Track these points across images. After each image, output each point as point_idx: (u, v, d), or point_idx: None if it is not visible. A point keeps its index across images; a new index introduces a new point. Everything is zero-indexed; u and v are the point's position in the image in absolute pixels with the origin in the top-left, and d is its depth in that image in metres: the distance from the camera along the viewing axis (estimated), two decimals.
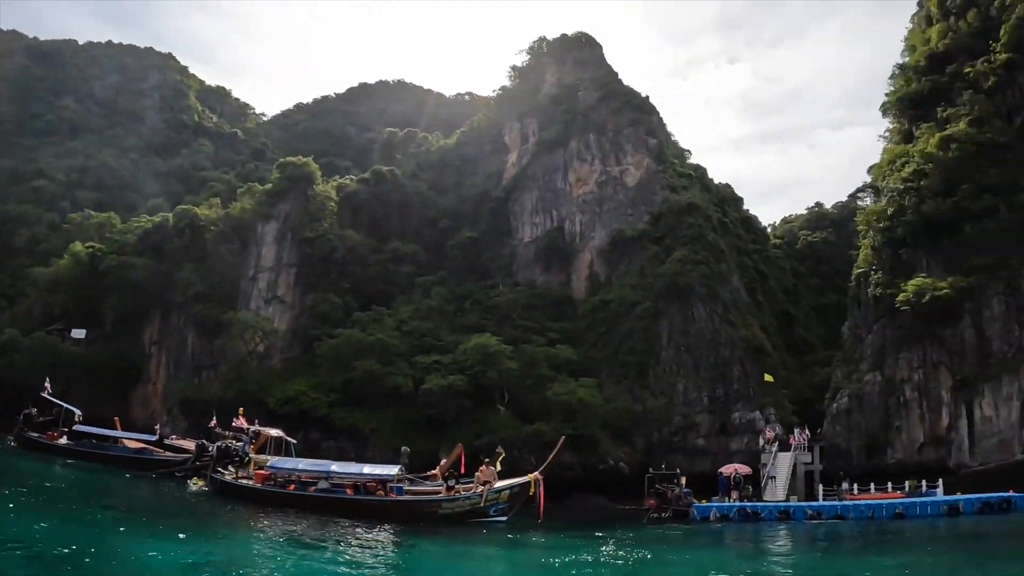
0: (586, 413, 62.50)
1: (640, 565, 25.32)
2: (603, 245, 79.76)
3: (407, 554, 25.74)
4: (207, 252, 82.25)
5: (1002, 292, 55.52)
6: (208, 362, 77.36)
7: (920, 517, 39.67)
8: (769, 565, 27.17)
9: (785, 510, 40.97)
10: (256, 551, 22.48)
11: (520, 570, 24.90)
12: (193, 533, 24.16)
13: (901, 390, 57.97)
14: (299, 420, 68.07)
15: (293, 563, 20.95)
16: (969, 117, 60.91)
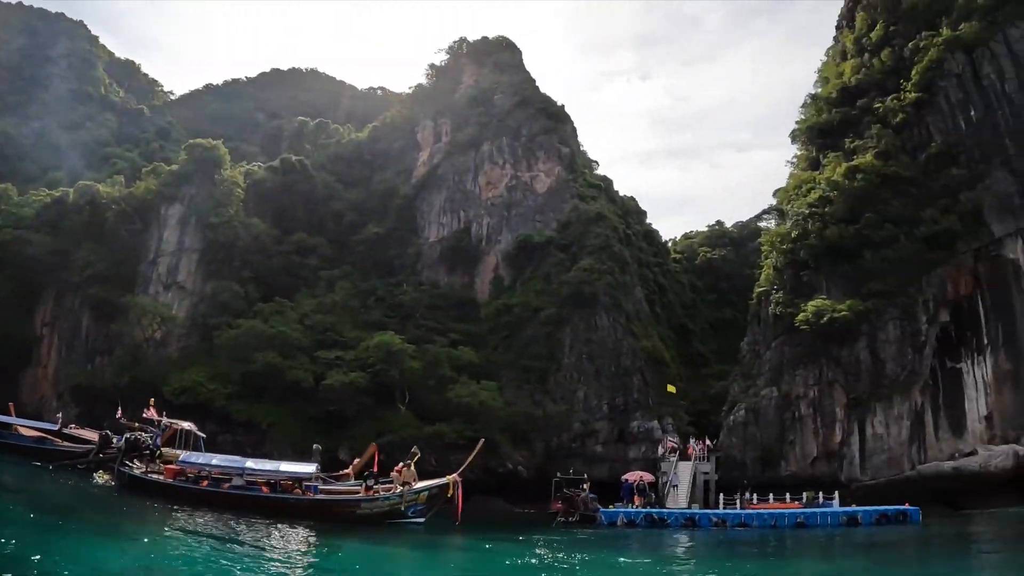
0: (487, 416, 61.48)
1: (586, 567, 24.28)
2: (509, 249, 78.96)
3: (335, 556, 23.77)
4: (107, 232, 77.66)
5: (898, 317, 56.97)
6: (103, 347, 73.24)
7: (820, 526, 39.88)
8: (704, 568, 26.34)
9: (691, 517, 40.51)
10: (172, 551, 20.23)
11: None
12: (102, 532, 22.41)
13: (797, 406, 58.77)
14: (195, 412, 64.00)
15: (210, 565, 19.15)
16: (876, 150, 62.64)
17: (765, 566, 27.81)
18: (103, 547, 19.35)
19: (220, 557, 20.26)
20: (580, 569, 23.79)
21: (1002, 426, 53.39)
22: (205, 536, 23.78)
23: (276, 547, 23.26)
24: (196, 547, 21.50)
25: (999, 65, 59.80)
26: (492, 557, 25.83)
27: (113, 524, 24.80)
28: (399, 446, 60.13)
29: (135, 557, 18.62)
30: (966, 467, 49.25)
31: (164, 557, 19.13)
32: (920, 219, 58.97)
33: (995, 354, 55.20)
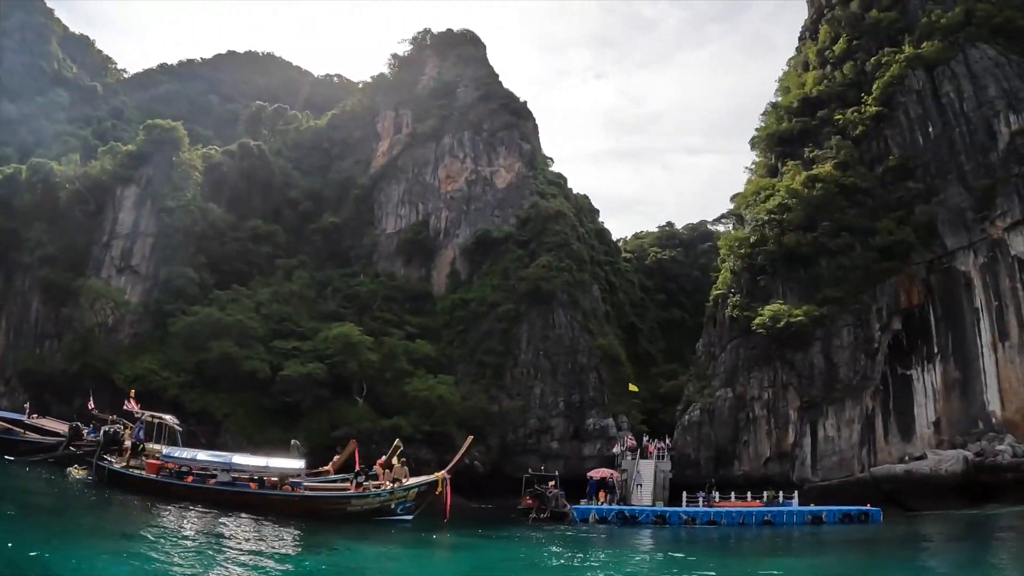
0: (444, 410, 61.02)
1: (599, 564, 24.28)
2: (467, 243, 78.31)
3: (339, 556, 22.71)
4: (59, 212, 74.39)
5: (851, 324, 58.03)
6: (52, 331, 70.10)
7: (787, 524, 40.37)
8: (697, 565, 26.28)
9: (661, 514, 40.60)
10: (166, 552, 19.03)
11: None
12: (92, 533, 21.00)
13: (751, 407, 59.40)
14: (147, 400, 61.75)
15: (208, 565, 18.17)
16: (835, 160, 63.84)
17: (746, 563, 27.85)
18: (95, 549, 18.29)
19: (216, 556, 19.38)
20: (597, 567, 23.73)
21: (950, 432, 54.88)
22: (197, 534, 22.73)
23: (271, 545, 22.54)
24: (191, 547, 20.45)
25: (959, 84, 61.51)
26: (490, 554, 25.45)
27: (100, 524, 23.36)
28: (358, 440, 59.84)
29: (130, 559, 17.47)
30: (917, 470, 50.34)
31: (160, 558, 17.99)
32: (875, 229, 60.28)
33: (944, 362, 56.76)
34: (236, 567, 18.08)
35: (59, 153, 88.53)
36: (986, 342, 55.81)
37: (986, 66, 61.04)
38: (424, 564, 24.30)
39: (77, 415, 46.60)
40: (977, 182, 58.52)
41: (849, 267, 59.40)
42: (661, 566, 26.05)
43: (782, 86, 78.29)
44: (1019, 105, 58.98)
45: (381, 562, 23.00)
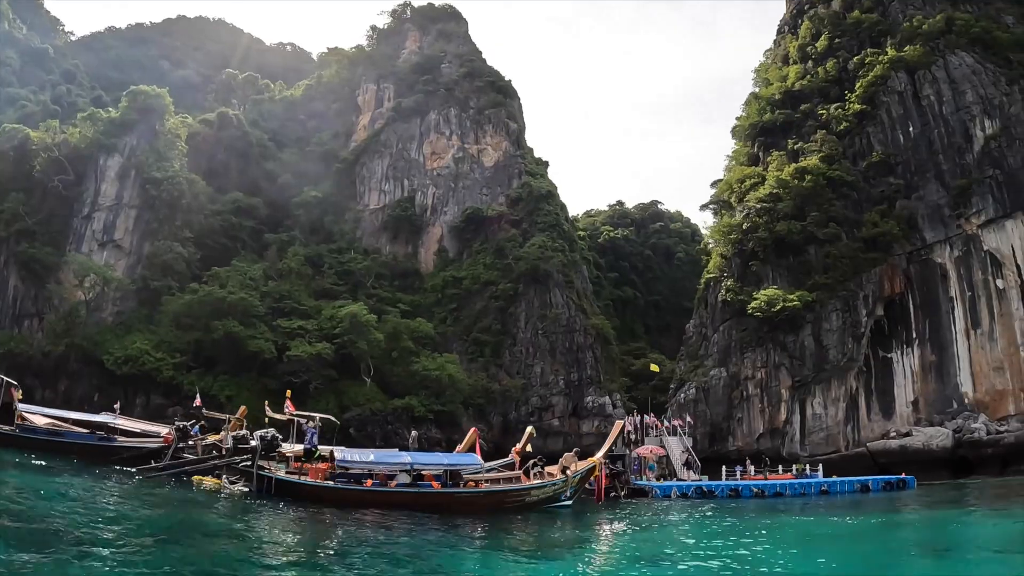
0: (453, 390, 61.92)
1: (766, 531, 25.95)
2: (456, 221, 79.07)
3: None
4: (35, 182, 70.52)
5: (840, 309, 61.99)
6: (32, 310, 66.99)
7: (840, 493, 43.47)
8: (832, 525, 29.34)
9: (735, 488, 42.81)
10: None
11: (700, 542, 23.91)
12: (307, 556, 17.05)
13: (745, 386, 62.85)
14: (140, 383, 62.28)
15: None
16: (821, 154, 67.47)
17: (868, 519, 31.51)
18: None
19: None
20: (765, 533, 25.53)
21: (927, 410, 59.72)
22: (442, 546, 20.49)
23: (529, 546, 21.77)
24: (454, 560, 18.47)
25: (939, 88, 65.84)
26: (674, 533, 26.22)
27: (309, 544, 19.04)
28: (368, 420, 60.34)
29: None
30: (911, 445, 54.80)
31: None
32: (860, 222, 64.43)
33: (922, 347, 61.45)
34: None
35: (17, 118, 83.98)
36: (960, 329, 60.63)
37: (964, 73, 65.52)
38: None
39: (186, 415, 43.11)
40: (954, 181, 63.00)
41: (836, 256, 63.29)
42: (826, 526, 29.35)
43: (761, 77, 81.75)
44: (993, 111, 63.68)
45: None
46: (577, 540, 24.03)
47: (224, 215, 76.91)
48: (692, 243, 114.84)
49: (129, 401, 61.89)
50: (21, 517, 16.20)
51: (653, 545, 23.25)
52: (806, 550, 22.70)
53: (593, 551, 21.77)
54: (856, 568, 19.66)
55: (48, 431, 32.37)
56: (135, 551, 14.24)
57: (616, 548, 22.60)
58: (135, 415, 61.26)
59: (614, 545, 23.28)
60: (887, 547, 23.33)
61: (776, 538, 24.70)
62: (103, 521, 16.96)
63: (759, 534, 25.51)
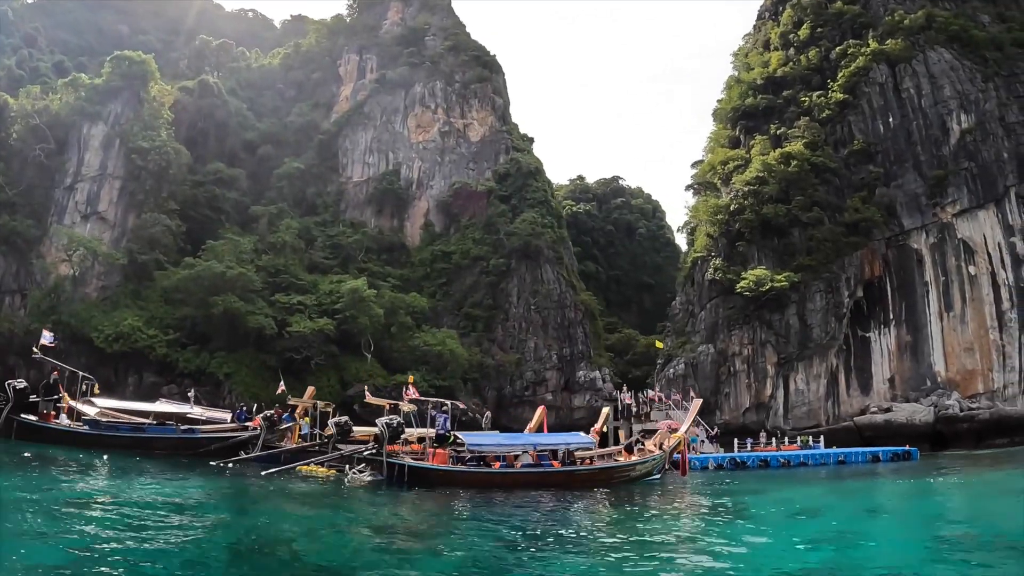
0: (454, 365, 62.58)
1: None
2: (443, 196, 79.26)
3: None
4: (13, 151, 67.34)
5: (823, 290, 64.94)
6: (13, 286, 63.74)
7: (855, 463, 46.49)
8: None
9: (764, 459, 45.10)
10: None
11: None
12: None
13: (732, 362, 65.35)
14: (132, 361, 60.60)
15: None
16: (804, 140, 70.04)
17: (898, 482, 35.41)
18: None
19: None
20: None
21: (902, 387, 63.42)
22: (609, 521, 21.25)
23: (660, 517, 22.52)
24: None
25: (918, 82, 69.01)
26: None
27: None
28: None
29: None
30: (895, 419, 58.17)
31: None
32: (842, 207, 67.39)
33: (898, 327, 65.00)
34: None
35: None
36: (933, 312, 64.31)
37: (943, 68, 68.78)
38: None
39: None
40: (931, 171, 66.41)
41: (820, 239, 66.10)
42: (865, 490, 32.53)
43: (740, 62, 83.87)
44: (970, 106, 67.14)
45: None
46: (736, 503, 26.55)
47: (206, 186, 74.88)
48: (653, 219, 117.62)
49: (120, 380, 61.28)
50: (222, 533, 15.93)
51: (797, 503, 26.47)
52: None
53: (757, 511, 24.13)
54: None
55: (131, 427, 32.50)
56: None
57: (770, 507, 25.15)
58: (128, 395, 60.82)
59: (766, 505, 25.83)
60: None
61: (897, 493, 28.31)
62: (296, 527, 17.24)
63: (869, 493, 29.00)
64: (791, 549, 16.68)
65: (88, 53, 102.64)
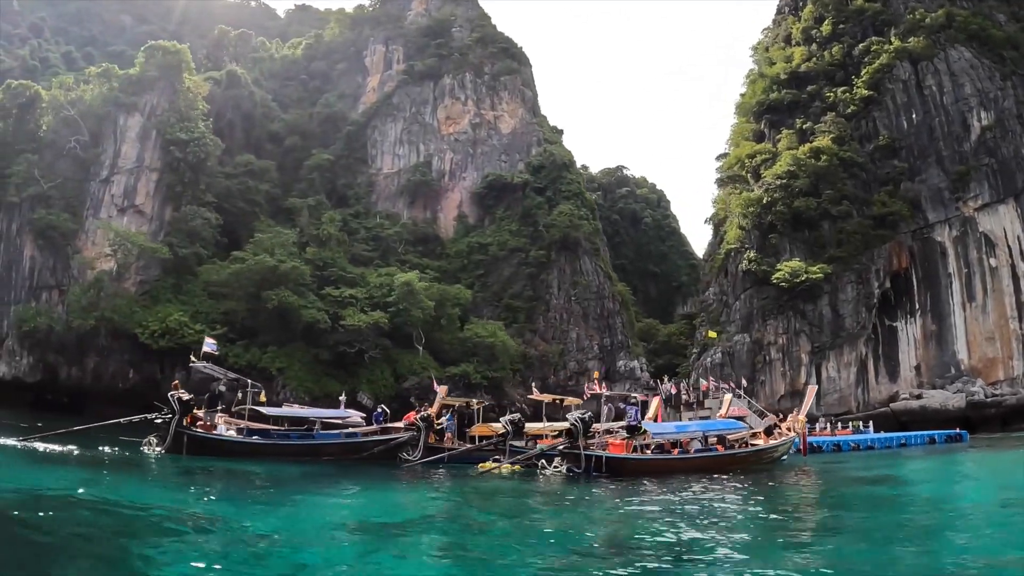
0: (505, 356, 64.33)
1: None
2: (476, 187, 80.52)
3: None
4: (45, 143, 66.37)
5: (854, 281, 68.05)
6: (50, 281, 62.95)
7: (915, 445, 50.56)
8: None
9: (837, 443, 48.35)
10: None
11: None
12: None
13: (767, 351, 68.29)
14: (178, 357, 59.18)
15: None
16: (832, 135, 72.68)
17: (960, 462, 39.42)
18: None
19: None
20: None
21: (928, 375, 66.95)
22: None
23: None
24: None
25: (940, 80, 71.92)
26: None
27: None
28: (429, 389, 62.07)
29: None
30: (930, 405, 61.77)
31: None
32: (870, 201, 70.36)
33: (923, 317, 68.38)
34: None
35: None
36: (957, 302, 67.78)
37: (963, 67, 71.76)
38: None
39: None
40: (953, 167, 69.56)
41: (849, 232, 69.11)
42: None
43: (761, 56, 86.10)
44: (989, 104, 70.27)
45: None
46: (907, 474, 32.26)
47: (239, 178, 74.89)
48: (658, 208, 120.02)
49: (166, 376, 60.91)
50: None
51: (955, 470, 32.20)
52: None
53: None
54: None
55: (299, 435, 33.44)
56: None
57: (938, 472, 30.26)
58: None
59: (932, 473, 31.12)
60: None
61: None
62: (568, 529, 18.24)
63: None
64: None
65: (92, 43, 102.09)
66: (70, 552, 12.90)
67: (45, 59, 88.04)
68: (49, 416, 51.41)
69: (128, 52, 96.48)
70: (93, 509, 16.86)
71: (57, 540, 13.60)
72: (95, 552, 13.06)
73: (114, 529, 14.85)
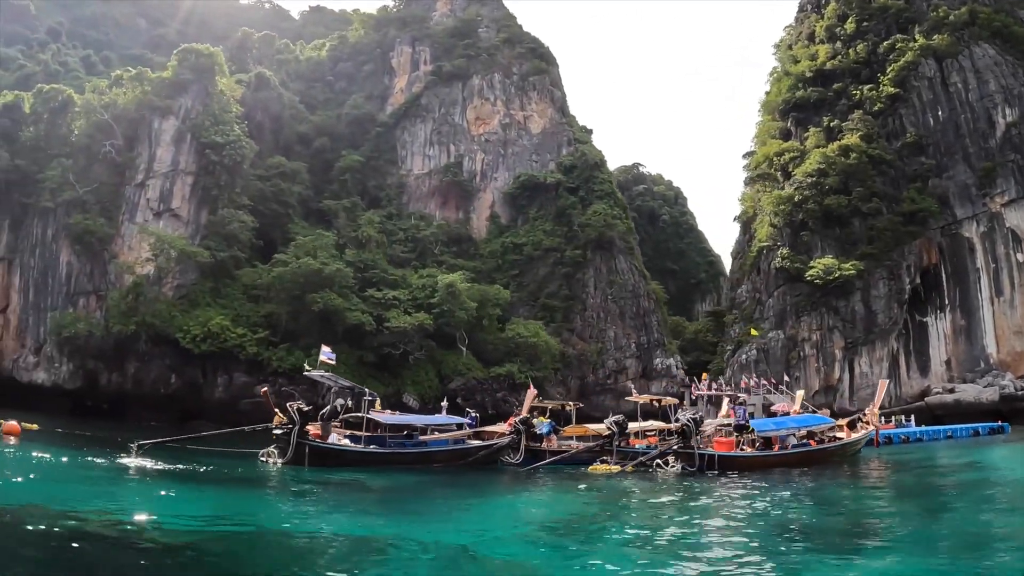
0: (547, 356, 65.51)
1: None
2: (508, 187, 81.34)
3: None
4: (78, 148, 66.30)
5: (886, 277, 69.73)
6: (88, 287, 62.94)
7: (960, 437, 53.31)
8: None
9: (906, 435, 50.86)
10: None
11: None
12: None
13: (801, 347, 69.92)
14: (220, 361, 60.86)
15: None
16: (860, 133, 74.01)
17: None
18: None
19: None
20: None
21: (958, 369, 68.85)
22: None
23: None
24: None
25: (965, 77, 73.33)
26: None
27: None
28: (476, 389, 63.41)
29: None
30: (963, 398, 63.78)
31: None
32: (899, 198, 71.89)
33: (952, 312, 70.24)
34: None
35: (16, 80, 78.76)
36: (985, 297, 69.62)
37: (987, 63, 73.17)
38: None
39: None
40: (979, 163, 71.14)
41: (880, 228, 70.73)
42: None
43: (784, 54, 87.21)
44: (1013, 100, 71.82)
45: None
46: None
47: (272, 180, 75.15)
48: (675, 205, 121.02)
49: (209, 381, 62.52)
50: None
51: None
52: None
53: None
54: None
55: (414, 443, 33.92)
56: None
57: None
58: (217, 396, 62.04)
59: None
60: None
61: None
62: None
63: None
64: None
65: (108, 47, 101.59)
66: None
67: (65, 63, 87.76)
68: (90, 423, 51.71)
69: (147, 55, 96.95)
70: (267, 540, 16.49)
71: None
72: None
73: (310, 560, 14.60)
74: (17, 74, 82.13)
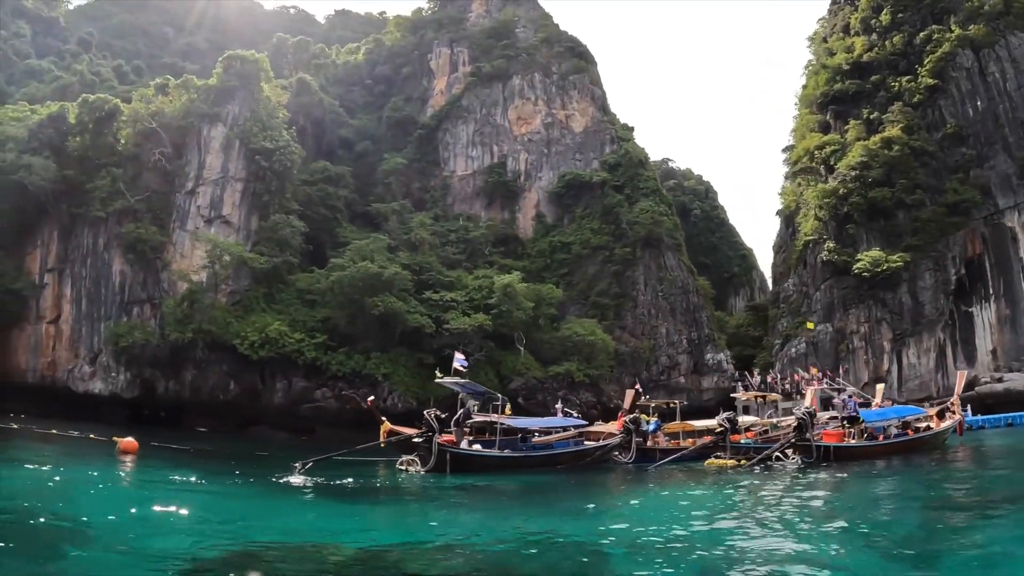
0: (604, 354, 66.89)
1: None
2: (553, 187, 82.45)
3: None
4: (126, 157, 67.02)
5: (932, 268, 71.16)
6: (142, 295, 63.51)
7: (1020, 424, 55.55)
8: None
9: (983, 423, 53.22)
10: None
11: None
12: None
13: (850, 339, 71.56)
14: (278, 366, 61.71)
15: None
16: (901, 124, 75.13)
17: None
18: None
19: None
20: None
21: (1005, 358, 70.34)
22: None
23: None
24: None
25: (1003, 67, 74.37)
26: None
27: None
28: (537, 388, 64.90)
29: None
30: (1013, 387, 65.34)
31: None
32: (942, 189, 73.18)
33: (997, 302, 71.60)
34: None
35: (53, 91, 79.66)
36: None
37: (1023, 53, 74.19)
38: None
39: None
40: (1019, 152, 72.27)
41: (924, 220, 72.06)
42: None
43: (819, 47, 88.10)
44: None
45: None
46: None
47: (319, 184, 76.49)
48: (707, 200, 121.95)
49: (268, 387, 63.73)
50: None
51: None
52: None
53: None
54: None
55: (542, 446, 35.18)
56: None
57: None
58: (276, 401, 63.32)
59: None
60: None
61: None
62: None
63: None
64: None
65: (137, 56, 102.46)
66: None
67: (98, 73, 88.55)
68: (148, 431, 51.39)
69: (178, 64, 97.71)
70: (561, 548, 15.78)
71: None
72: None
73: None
74: (53, 85, 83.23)
